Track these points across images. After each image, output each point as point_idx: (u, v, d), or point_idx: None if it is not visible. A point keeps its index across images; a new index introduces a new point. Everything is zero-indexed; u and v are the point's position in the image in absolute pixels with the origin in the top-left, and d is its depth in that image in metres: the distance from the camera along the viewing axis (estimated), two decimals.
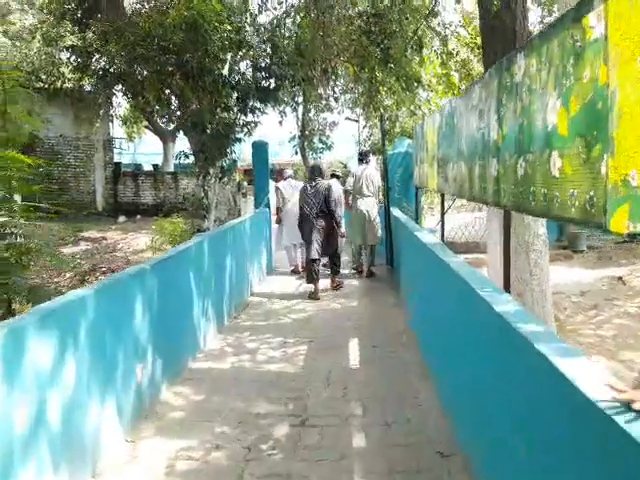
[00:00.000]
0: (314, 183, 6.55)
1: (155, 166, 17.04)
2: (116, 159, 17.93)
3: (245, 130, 8.16)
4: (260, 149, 8.13)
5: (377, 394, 3.59)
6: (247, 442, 2.96)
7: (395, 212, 7.16)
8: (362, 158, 7.55)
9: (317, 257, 6.42)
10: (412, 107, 13.68)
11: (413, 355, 4.28)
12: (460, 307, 2.82)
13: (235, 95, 7.16)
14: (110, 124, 17.42)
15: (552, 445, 1.56)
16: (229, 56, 7.53)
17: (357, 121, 13.23)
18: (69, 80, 16.17)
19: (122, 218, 15.54)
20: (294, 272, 7.87)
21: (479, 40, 9.27)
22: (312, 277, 6.39)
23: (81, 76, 15.08)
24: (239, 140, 7.87)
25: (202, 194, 7.68)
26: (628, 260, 8.29)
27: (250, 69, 7.47)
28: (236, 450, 2.88)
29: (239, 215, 10.80)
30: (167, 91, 8.07)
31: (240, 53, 7.64)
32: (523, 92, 2.21)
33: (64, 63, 15.74)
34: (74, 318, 2.57)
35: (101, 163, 16.78)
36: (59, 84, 16.01)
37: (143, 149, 21.72)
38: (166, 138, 17.78)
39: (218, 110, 7.59)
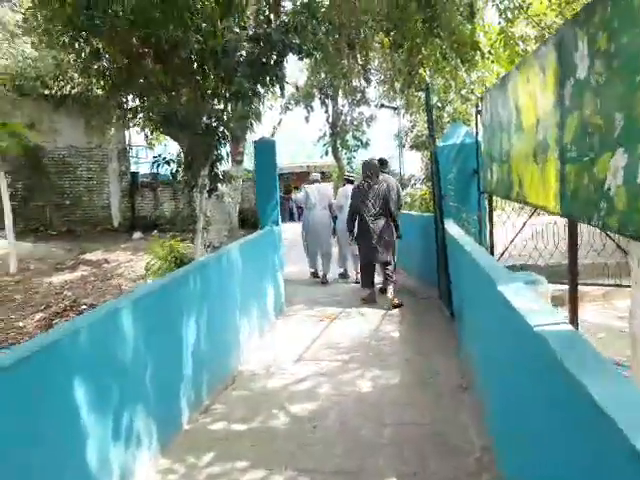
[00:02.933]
0: (371, 182, 6.10)
1: (174, 175, 15.33)
2: (135, 169, 16.46)
3: (245, 124, 6.14)
4: (265, 149, 6.10)
5: None
6: None
7: (451, 229, 4.95)
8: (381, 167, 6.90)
9: (375, 262, 6.20)
10: (464, 91, 11.37)
11: None
12: None
13: (218, 74, 5.13)
14: (126, 131, 15.94)
15: None
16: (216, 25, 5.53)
17: (396, 109, 10.95)
18: (78, 85, 14.81)
19: (137, 234, 13.93)
20: (314, 275, 7.87)
21: None
22: (369, 282, 6.25)
23: (89, 80, 13.67)
24: (234, 139, 5.86)
25: (187, 211, 5.70)
26: None
27: (241, 36, 5.39)
28: None
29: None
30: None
31: (229, 21, 5.59)
32: None
33: (72, 66, 14.40)
34: None
35: (116, 174, 15.27)
36: (68, 89, 14.63)
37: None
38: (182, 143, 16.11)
39: (205, 98, 5.62)
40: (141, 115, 5.87)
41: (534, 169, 2.52)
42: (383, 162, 7.10)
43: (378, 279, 6.47)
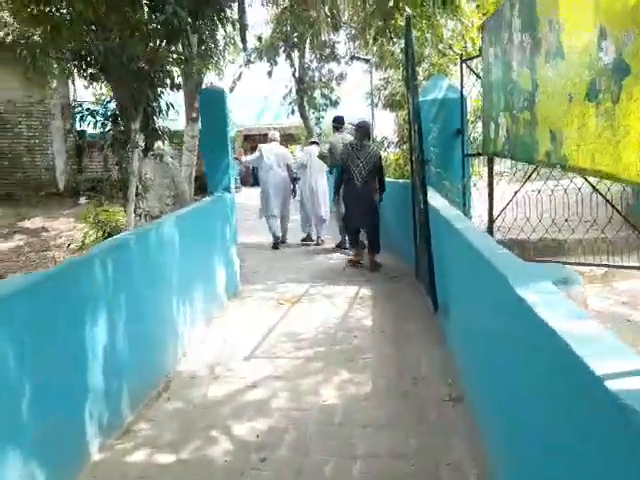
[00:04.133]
0: (362, 143, 5.83)
1: (118, 131, 14.00)
2: (82, 127, 14.97)
3: (190, 70, 5.13)
4: (212, 101, 5.11)
5: None
6: None
7: (435, 200, 4.17)
8: (337, 125, 6.96)
9: (361, 227, 6.02)
10: (441, 46, 10.48)
11: None
12: None
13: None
14: (71, 85, 14.37)
15: None
16: None
17: (368, 61, 9.97)
18: (13, 31, 13.12)
19: (83, 199, 12.68)
20: (275, 246, 7.33)
21: None
22: (356, 241, 6.08)
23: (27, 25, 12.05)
24: (173, 86, 4.87)
25: (118, 175, 4.78)
26: None
27: None
28: None
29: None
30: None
31: None
32: None
33: (5, 9, 12.68)
34: None
35: (60, 132, 13.81)
36: (1, 36, 12.93)
37: None
38: None
39: (135, 35, 4.58)
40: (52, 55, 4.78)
41: (589, 113, 1.68)
42: (338, 120, 6.97)
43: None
